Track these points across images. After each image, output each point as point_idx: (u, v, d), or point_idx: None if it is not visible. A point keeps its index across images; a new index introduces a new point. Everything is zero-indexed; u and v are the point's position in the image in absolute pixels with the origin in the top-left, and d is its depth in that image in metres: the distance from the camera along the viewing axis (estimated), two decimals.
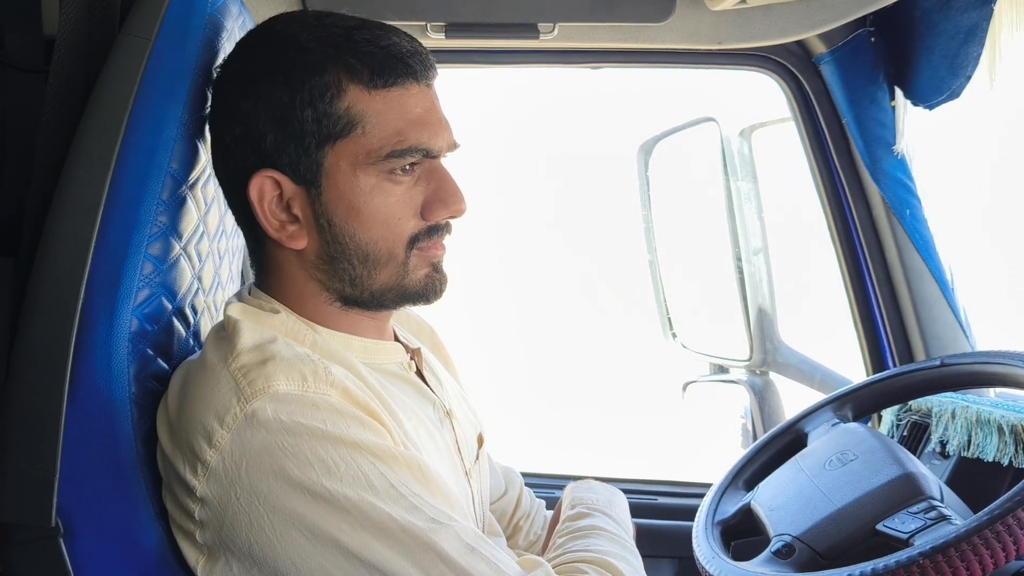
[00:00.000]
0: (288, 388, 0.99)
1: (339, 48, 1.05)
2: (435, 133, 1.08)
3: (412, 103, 1.07)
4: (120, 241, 1.04)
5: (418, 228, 1.09)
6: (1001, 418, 1.46)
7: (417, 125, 1.07)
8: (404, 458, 1.00)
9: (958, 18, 1.54)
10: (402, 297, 1.12)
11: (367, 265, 1.09)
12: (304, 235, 1.09)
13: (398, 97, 1.06)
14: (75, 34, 1.16)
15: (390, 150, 1.05)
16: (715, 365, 2.43)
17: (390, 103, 1.06)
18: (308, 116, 1.05)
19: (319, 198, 1.07)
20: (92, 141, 1.06)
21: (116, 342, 1.03)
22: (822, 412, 1.48)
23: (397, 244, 1.09)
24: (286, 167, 1.07)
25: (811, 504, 1.24)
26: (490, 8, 1.65)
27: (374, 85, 1.05)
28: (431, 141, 1.08)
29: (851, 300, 1.91)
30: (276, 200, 1.08)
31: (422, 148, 1.07)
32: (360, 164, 1.06)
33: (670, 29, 1.69)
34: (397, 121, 1.06)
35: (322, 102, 1.05)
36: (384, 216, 1.07)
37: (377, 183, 1.06)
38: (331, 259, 1.09)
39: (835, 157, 1.84)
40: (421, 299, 1.13)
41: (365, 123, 1.05)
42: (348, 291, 1.10)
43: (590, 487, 1.33)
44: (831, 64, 1.75)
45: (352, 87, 1.05)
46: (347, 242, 1.08)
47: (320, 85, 1.05)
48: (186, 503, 1.01)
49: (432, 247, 1.11)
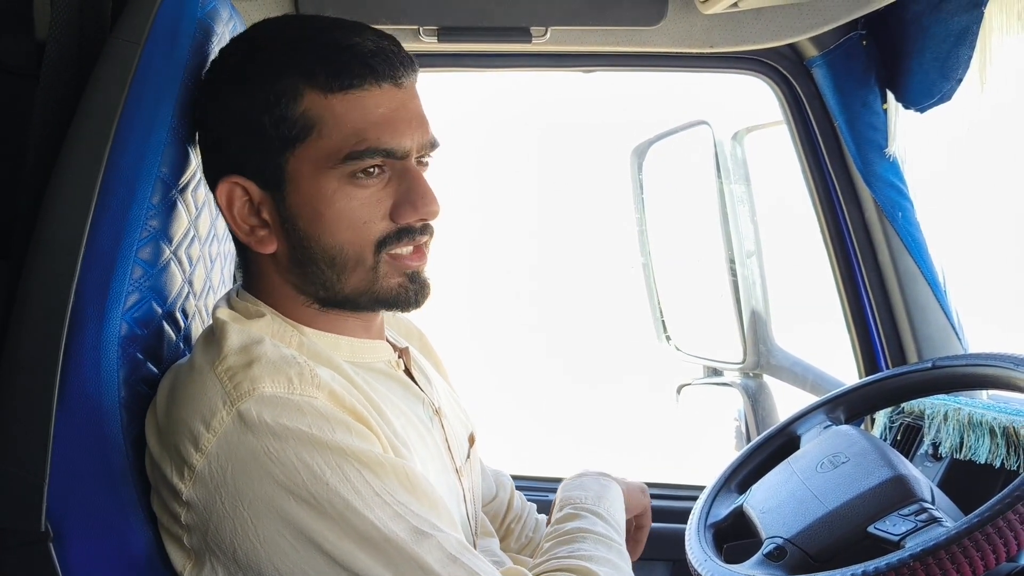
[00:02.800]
0: (274, 390, 0.98)
1: (298, 51, 1.05)
2: (399, 133, 1.06)
3: (373, 104, 1.05)
4: (110, 245, 1.03)
5: (387, 231, 1.07)
6: (993, 420, 1.46)
7: (378, 126, 1.05)
8: (390, 464, 1.00)
9: (949, 21, 1.55)
10: (376, 302, 1.11)
11: (335, 269, 1.08)
12: (273, 240, 1.09)
13: (358, 98, 1.05)
14: (66, 38, 1.16)
15: (348, 152, 1.04)
16: (709, 368, 2.43)
17: (349, 105, 1.05)
18: (266, 121, 1.05)
19: (284, 203, 1.07)
20: (82, 145, 1.05)
21: (106, 346, 1.02)
22: (815, 414, 1.49)
23: (365, 248, 1.07)
24: (252, 173, 1.07)
25: (803, 506, 1.25)
26: (482, 12, 1.65)
27: (330, 88, 1.04)
28: (394, 142, 1.06)
29: (844, 302, 1.91)
30: (247, 205, 1.09)
31: (382, 149, 1.05)
32: (321, 168, 1.05)
33: (662, 32, 1.69)
34: (356, 123, 1.04)
35: (279, 107, 1.05)
36: (349, 220, 1.06)
37: (339, 186, 1.05)
38: (300, 263, 1.09)
39: (827, 160, 1.85)
40: (395, 307, 1.11)
41: (322, 126, 1.05)
42: (322, 294, 1.10)
43: (581, 483, 1.33)
44: (823, 67, 1.76)
45: (308, 90, 1.04)
46: (313, 246, 1.07)
47: (276, 90, 1.05)
48: (173, 507, 1.01)
49: (406, 256, 1.09)
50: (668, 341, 2.44)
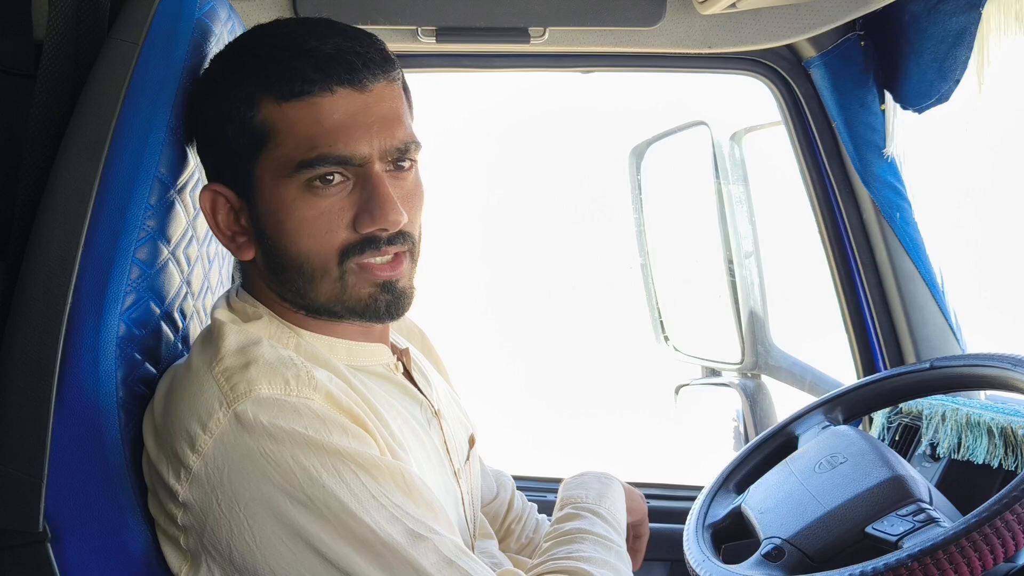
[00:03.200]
0: (271, 392, 0.98)
1: (256, 60, 1.05)
2: (354, 139, 1.03)
3: (328, 110, 1.02)
4: (108, 246, 1.04)
5: (349, 240, 1.05)
6: (991, 420, 1.46)
7: (331, 133, 1.02)
8: (387, 466, 1.00)
9: (946, 22, 1.55)
10: (350, 312, 1.09)
11: (304, 277, 1.07)
12: (252, 247, 1.09)
13: (311, 105, 1.02)
14: (63, 38, 1.16)
15: (300, 159, 1.02)
16: (707, 368, 2.43)
17: (302, 112, 1.03)
18: (230, 131, 1.05)
19: (255, 210, 1.07)
20: (80, 145, 1.06)
21: (104, 347, 1.02)
22: (813, 415, 1.49)
23: (328, 258, 1.05)
24: (228, 181, 1.08)
25: (801, 507, 1.25)
26: (481, 12, 1.66)
27: (283, 95, 1.02)
28: (347, 148, 1.03)
29: (842, 303, 1.91)
30: (229, 211, 1.09)
31: (335, 156, 1.02)
32: (280, 176, 1.04)
33: (660, 33, 1.70)
34: (309, 130, 1.02)
35: (239, 116, 1.04)
36: (309, 229, 1.04)
37: (298, 195, 1.04)
38: (274, 271, 1.08)
39: (825, 161, 1.85)
40: (366, 317, 1.09)
41: (278, 134, 1.03)
42: (300, 302, 1.09)
43: (582, 482, 1.32)
44: (821, 68, 1.76)
45: (264, 99, 1.03)
46: (282, 254, 1.06)
47: (236, 100, 1.04)
48: (170, 508, 1.01)
49: (377, 266, 1.06)
50: (666, 342, 2.44)
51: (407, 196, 1.08)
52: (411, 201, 1.09)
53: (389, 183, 1.05)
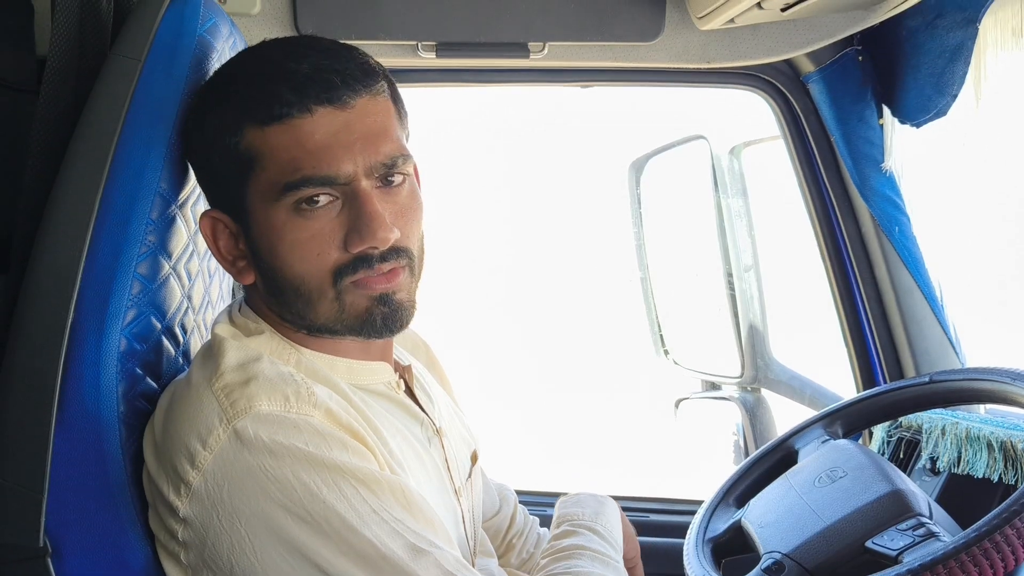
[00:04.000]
0: (270, 408, 0.98)
1: (238, 86, 1.05)
2: (336, 159, 1.02)
3: (308, 131, 1.01)
4: (109, 261, 1.04)
5: (342, 260, 1.04)
6: (991, 434, 1.46)
7: (313, 154, 1.01)
8: (387, 482, 1.00)
9: (944, 37, 1.56)
10: (349, 330, 1.08)
11: (302, 299, 1.06)
12: (251, 271, 1.09)
13: (291, 127, 1.01)
14: (66, 54, 1.17)
15: (285, 182, 1.01)
16: (707, 382, 2.43)
17: (283, 135, 1.02)
18: (216, 159, 1.05)
19: (250, 235, 1.07)
20: (82, 161, 1.06)
21: (105, 361, 1.03)
22: (812, 429, 1.48)
23: (323, 279, 1.04)
24: (224, 207, 1.08)
25: (801, 521, 1.24)
26: (481, 27, 1.66)
27: (264, 120, 1.02)
28: (331, 168, 1.01)
29: (841, 317, 1.92)
30: (229, 236, 1.09)
31: (319, 177, 1.01)
32: (268, 201, 1.03)
33: (659, 48, 1.70)
34: (291, 152, 1.01)
35: (224, 144, 1.04)
36: (301, 252, 1.03)
37: (287, 218, 1.03)
38: (273, 293, 1.08)
39: (824, 175, 1.85)
40: (367, 333, 1.08)
41: (262, 159, 1.03)
42: (300, 323, 1.09)
43: (578, 500, 1.32)
44: (819, 83, 1.77)
45: (247, 124, 1.03)
46: (278, 277, 1.06)
47: (221, 128, 1.04)
48: (170, 524, 1.00)
49: (372, 279, 1.05)
50: (666, 355, 2.45)
51: (400, 211, 1.07)
52: (405, 216, 1.07)
53: (379, 199, 1.04)
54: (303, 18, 1.61)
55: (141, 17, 1.12)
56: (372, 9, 1.61)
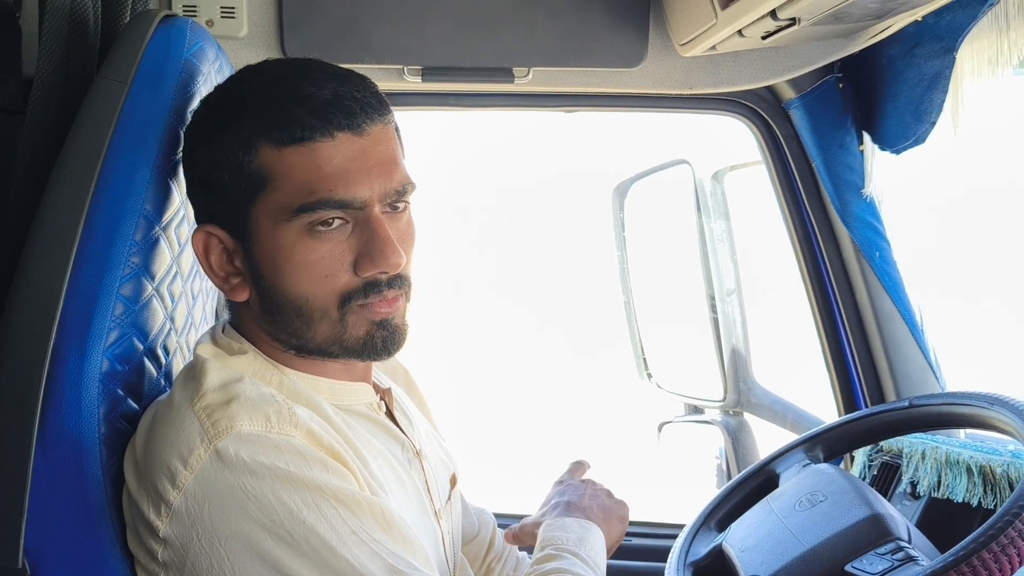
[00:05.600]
0: (252, 428, 0.99)
1: (253, 105, 1.05)
2: (354, 184, 1.03)
3: (327, 155, 1.03)
4: (92, 282, 1.04)
5: (352, 284, 1.05)
6: (970, 459, 1.47)
7: (331, 178, 1.02)
8: (367, 503, 1.00)
9: (922, 66, 1.58)
10: (346, 351, 1.09)
11: (302, 319, 1.07)
12: (246, 288, 1.09)
13: (310, 150, 1.03)
14: (53, 76, 1.18)
15: (299, 204, 1.02)
16: (690, 406, 2.44)
17: (301, 157, 1.03)
18: (225, 176, 1.05)
19: (251, 253, 1.07)
20: (67, 182, 1.07)
21: (86, 383, 1.03)
22: (794, 453, 1.49)
23: (328, 301, 1.05)
24: (223, 223, 1.08)
25: (781, 545, 1.25)
26: (466, 52, 1.68)
27: (282, 141, 1.03)
28: (348, 192, 1.03)
29: (822, 341, 1.93)
30: (223, 253, 1.09)
31: (335, 201, 1.03)
32: (278, 220, 1.04)
33: (642, 74, 1.72)
34: (308, 175, 1.02)
35: (235, 161, 1.04)
36: (308, 273, 1.04)
37: (298, 239, 1.04)
38: (270, 312, 1.08)
39: (805, 200, 1.87)
40: (364, 356, 1.09)
41: (276, 179, 1.03)
42: (294, 342, 1.09)
43: (562, 525, 1.32)
44: (800, 109, 1.79)
45: (263, 144, 1.03)
46: (279, 297, 1.06)
47: (232, 145, 1.04)
48: (150, 544, 1.00)
49: (375, 303, 1.07)
50: (649, 378, 2.45)
51: (402, 237, 1.08)
52: (405, 242, 1.09)
53: (386, 224, 1.06)
54: (290, 42, 1.62)
55: (128, 40, 1.13)
56: (359, 33, 1.63)
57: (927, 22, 1.52)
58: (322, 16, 1.61)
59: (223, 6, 1.60)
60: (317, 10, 1.60)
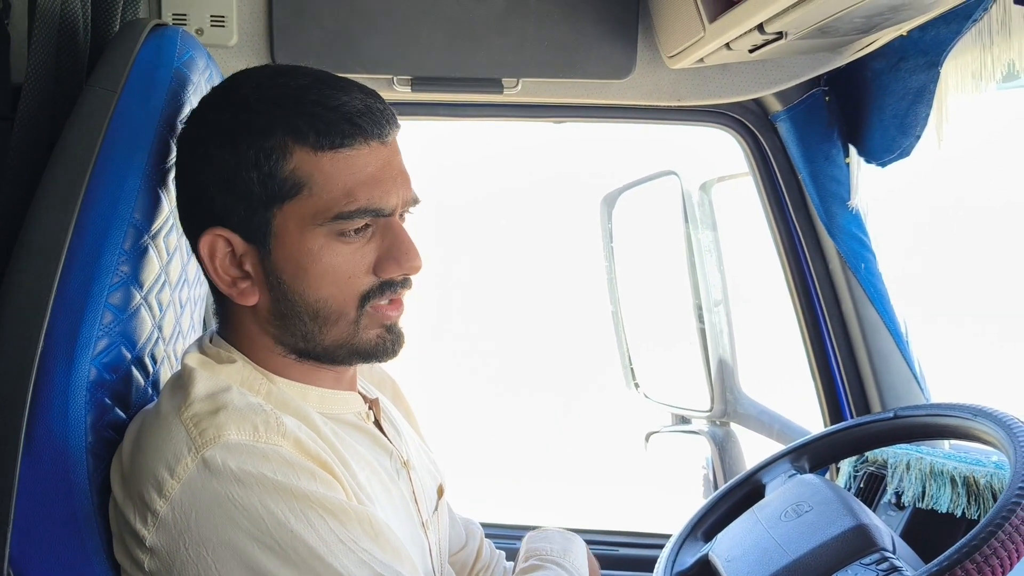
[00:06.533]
0: (239, 438, 0.99)
1: (286, 109, 1.05)
2: (387, 192, 1.07)
3: (362, 163, 1.06)
4: (80, 290, 1.04)
5: (370, 285, 1.08)
6: (954, 470, 1.48)
7: (367, 185, 1.05)
8: (355, 511, 1.00)
9: (907, 80, 1.60)
10: (353, 354, 1.11)
11: (317, 322, 1.08)
12: (256, 292, 1.09)
13: (347, 158, 1.05)
14: (42, 84, 1.18)
15: (338, 211, 1.05)
16: (677, 416, 2.44)
17: (338, 164, 1.05)
18: (253, 178, 1.05)
19: (269, 257, 1.07)
20: (56, 190, 1.06)
21: (74, 391, 1.02)
22: (780, 463, 1.49)
23: (348, 302, 1.08)
24: (236, 226, 1.07)
25: (767, 555, 1.25)
26: (456, 63, 1.68)
27: (320, 147, 1.04)
28: (382, 201, 1.07)
29: (808, 352, 1.94)
30: (229, 256, 1.08)
31: (372, 209, 1.06)
32: (308, 225, 1.05)
33: (631, 86, 1.73)
34: (346, 182, 1.05)
35: (267, 164, 1.05)
36: (333, 276, 1.07)
37: (326, 243, 1.06)
38: (282, 315, 1.09)
39: (792, 212, 1.88)
40: (372, 358, 1.12)
41: (312, 185, 1.05)
42: (301, 346, 1.10)
43: (546, 536, 1.33)
44: (787, 122, 1.80)
45: (298, 149, 1.04)
46: (297, 300, 1.07)
47: (265, 148, 1.04)
48: (136, 554, 1.00)
49: (385, 307, 1.10)
50: (637, 388, 2.46)
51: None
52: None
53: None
54: (280, 51, 1.63)
55: (118, 49, 1.13)
56: (349, 43, 1.63)
57: (912, 37, 1.54)
58: (312, 25, 1.61)
59: (213, 15, 1.61)
60: (307, 19, 1.61)
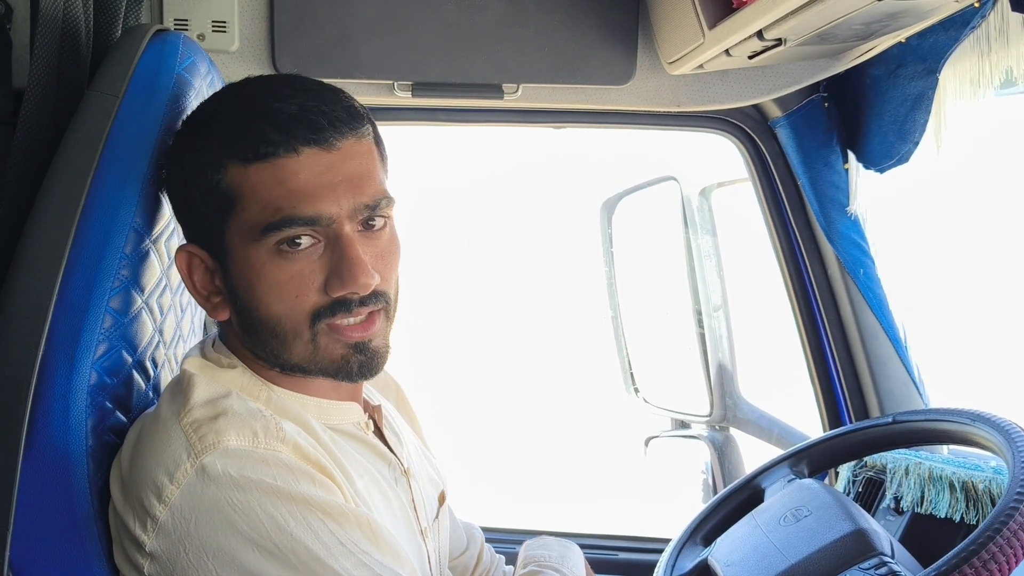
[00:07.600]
0: (239, 443, 0.99)
1: (223, 123, 1.04)
2: (320, 200, 1.01)
3: (291, 171, 1.01)
4: (82, 294, 1.04)
5: (320, 303, 1.03)
6: (952, 475, 1.48)
7: (296, 195, 1.00)
8: (354, 515, 1.00)
9: (906, 86, 1.60)
10: (323, 372, 1.08)
11: (277, 339, 1.05)
12: (227, 307, 1.08)
13: (275, 167, 1.01)
14: (44, 88, 1.18)
15: (266, 223, 1.01)
16: (676, 420, 2.45)
17: (264, 174, 1.01)
18: (197, 196, 1.05)
19: (228, 272, 1.06)
20: (57, 195, 1.07)
21: (74, 395, 1.02)
22: (779, 468, 1.49)
23: (299, 321, 1.04)
24: (202, 242, 1.07)
25: (766, 560, 1.25)
26: (456, 68, 1.69)
27: (246, 159, 1.01)
28: (314, 209, 1.01)
29: (808, 357, 1.94)
30: (205, 271, 1.08)
31: (301, 218, 1.01)
32: (247, 240, 1.03)
33: (631, 92, 1.74)
34: (272, 193, 1.01)
35: (205, 181, 1.04)
36: (279, 293, 1.03)
37: (268, 258, 1.02)
38: (248, 331, 1.08)
39: (791, 217, 1.89)
40: (339, 377, 1.08)
41: (243, 198, 1.02)
42: (273, 360, 1.08)
43: (544, 543, 1.33)
44: (786, 128, 1.80)
45: (230, 163, 1.02)
46: (254, 316, 1.05)
47: (202, 164, 1.04)
48: (136, 559, 1.00)
49: (347, 327, 1.05)
50: (636, 393, 2.46)
51: (381, 254, 1.06)
52: (385, 259, 1.07)
53: (360, 243, 1.04)
54: (281, 56, 1.63)
55: (120, 54, 1.14)
56: (350, 48, 1.63)
57: (911, 44, 1.55)
58: (313, 31, 1.62)
59: (214, 20, 1.61)
60: (308, 25, 1.61)
